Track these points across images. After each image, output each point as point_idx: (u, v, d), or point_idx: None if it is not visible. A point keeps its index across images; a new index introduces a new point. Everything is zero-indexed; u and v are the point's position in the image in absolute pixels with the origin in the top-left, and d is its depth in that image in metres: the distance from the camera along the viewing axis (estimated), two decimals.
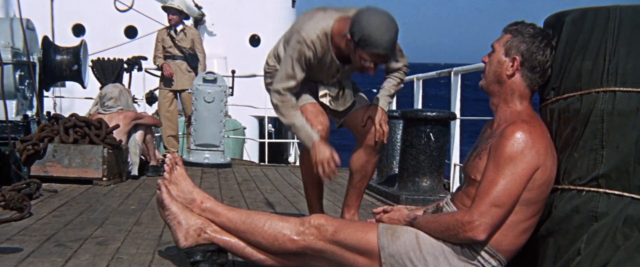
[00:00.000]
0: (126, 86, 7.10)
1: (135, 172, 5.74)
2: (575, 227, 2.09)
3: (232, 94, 7.54)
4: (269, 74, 3.05)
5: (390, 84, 3.10)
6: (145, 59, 7.85)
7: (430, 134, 4.54)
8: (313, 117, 2.92)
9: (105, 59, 7.50)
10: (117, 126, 5.51)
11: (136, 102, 7.99)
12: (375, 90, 3.18)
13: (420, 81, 6.85)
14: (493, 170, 2.07)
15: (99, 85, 7.25)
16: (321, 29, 2.84)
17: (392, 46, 2.74)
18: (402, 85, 3.15)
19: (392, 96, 3.10)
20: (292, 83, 2.87)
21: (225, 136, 7.40)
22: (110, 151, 5.23)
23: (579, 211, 2.08)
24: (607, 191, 2.06)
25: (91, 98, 7.89)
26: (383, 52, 2.71)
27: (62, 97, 10.21)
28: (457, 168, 5.55)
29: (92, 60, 7.41)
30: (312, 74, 2.95)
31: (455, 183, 5.45)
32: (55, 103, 9.53)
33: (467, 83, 6.46)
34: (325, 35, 2.84)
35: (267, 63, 3.08)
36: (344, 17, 2.84)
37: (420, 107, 6.77)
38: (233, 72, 8.09)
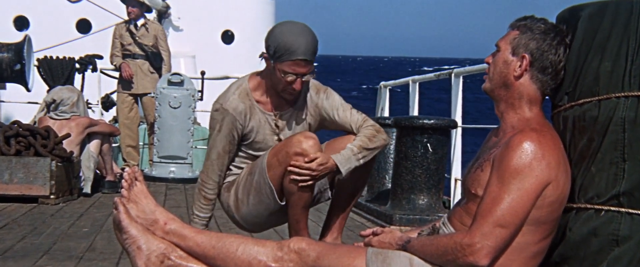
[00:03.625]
0: (79, 89, 7.06)
1: (88, 189, 5.70)
2: (593, 252, 2.09)
3: (201, 99, 7.53)
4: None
5: (358, 141, 2.99)
6: (100, 57, 7.81)
7: (428, 144, 4.55)
8: (297, 136, 2.94)
9: (54, 57, 7.45)
10: (68, 135, 5.47)
11: (90, 108, 7.94)
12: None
13: (417, 84, 6.88)
14: (497, 185, 2.07)
15: (46, 87, 7.20)
16: (236, 88, 3.04)
17: (312, 50, 2.89)
18: (379, 143, 3.00)
19: (361, 151, 2.96)
20: (218, 165, 3.02)
21: (194, 146, 7.38)
22: (59, 163, 5.18)
23: (598, 234, 2.08)
24: (630, 210, 2.06)
25: (37, 103, 7.82)
26: (302, 57, 2.86)
27: (2, 101, 10.11)
28: (459, 183, 5.56)
29: (37, 59, 7.36)
30: (254, 144, 3.06)
31: (456, 200, 5.46)
32: None
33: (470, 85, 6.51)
34: (244, 92, 3.02)
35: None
36: (256, 72, 3.08)
37: (416, 113, 6.79)
38: (203, 73, 8.08)
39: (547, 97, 2.26)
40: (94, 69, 7.81)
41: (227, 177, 3.14)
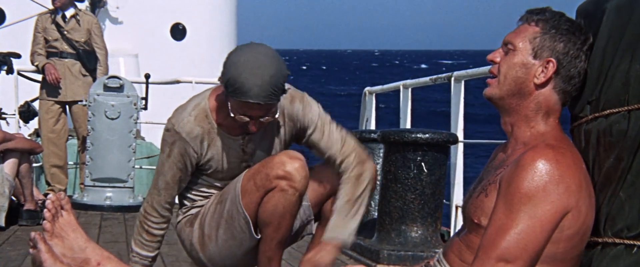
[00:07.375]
0: None
1: (1, 220, 5.63)
2: None
3: (145, 108, 7.50)
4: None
5: (342, 196, 3.05)
6: (18, 56, 7.73)
7: (422, 163, 4.56)
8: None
9: None
10: None
11: (4, 119, 7.86)
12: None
13: (409, 90, 6.91)
14: (504, 212, 2.06)
15: None
16: (194, 107, 3.02)
17: (268, 92, 2.83)
18: (367, 178, 3.06)
19: (352, 206, 3.05)
20: (166, 196, 3.03)
21: (136, 166, 7.34)
22: None
23: None
24: None
25: None
26: (253, 100, 2.82)
27: None
28: (460, 211, 5.58)
29: None
30: (216, 174, 3.07)
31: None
32: None
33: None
34: (202, 113, 3.01)
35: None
36: (217, 87, 3.05)
37: (408, 125, 6.82)
38: (147, 76, 8.05)
39: (565, 107, 2.26)
40: (10, 71, 7.73)
41: (189, 210, 3.12)
